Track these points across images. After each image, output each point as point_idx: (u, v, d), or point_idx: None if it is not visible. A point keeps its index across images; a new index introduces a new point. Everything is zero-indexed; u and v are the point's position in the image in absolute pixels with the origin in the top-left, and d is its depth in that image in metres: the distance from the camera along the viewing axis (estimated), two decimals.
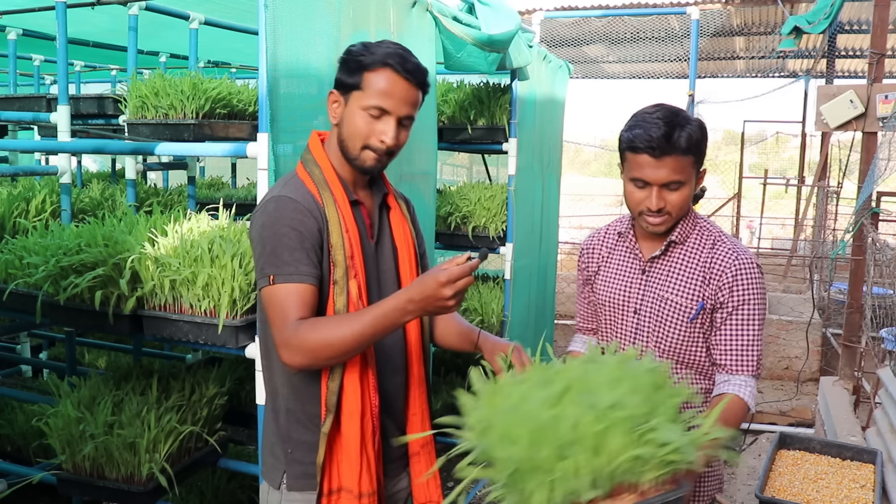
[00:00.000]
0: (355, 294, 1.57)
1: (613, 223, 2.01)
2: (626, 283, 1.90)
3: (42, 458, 2.75)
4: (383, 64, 1.54)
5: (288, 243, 1.51)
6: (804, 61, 10.28)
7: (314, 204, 1.56)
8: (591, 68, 11.12)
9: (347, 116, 1.58)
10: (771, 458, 2.88)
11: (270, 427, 1.68)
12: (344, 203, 1.60)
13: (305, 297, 1.51)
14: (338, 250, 1.56)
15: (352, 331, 1.46)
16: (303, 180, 1.61)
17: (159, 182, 6.01)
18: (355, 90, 1.56)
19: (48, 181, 3.08)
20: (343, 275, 1.56)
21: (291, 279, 1.50)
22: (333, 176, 1.62)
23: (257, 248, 1.54)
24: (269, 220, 1.53)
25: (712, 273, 1.79)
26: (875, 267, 4.50)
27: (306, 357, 1.47)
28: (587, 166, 35.77)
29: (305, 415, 1.61)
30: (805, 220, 9.78)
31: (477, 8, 3.27)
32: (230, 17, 4.00)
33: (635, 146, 1.69)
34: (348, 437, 1.56)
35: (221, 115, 2.62)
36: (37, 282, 2.23)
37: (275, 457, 1.65)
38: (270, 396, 1.68)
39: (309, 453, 1.60)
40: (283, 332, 1.48)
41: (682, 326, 1.81)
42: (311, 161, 1.64)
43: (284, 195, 1.56)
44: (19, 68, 4.63)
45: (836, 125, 4.59)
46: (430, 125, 3.10)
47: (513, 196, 3.79)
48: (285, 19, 2.00)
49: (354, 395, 1.56)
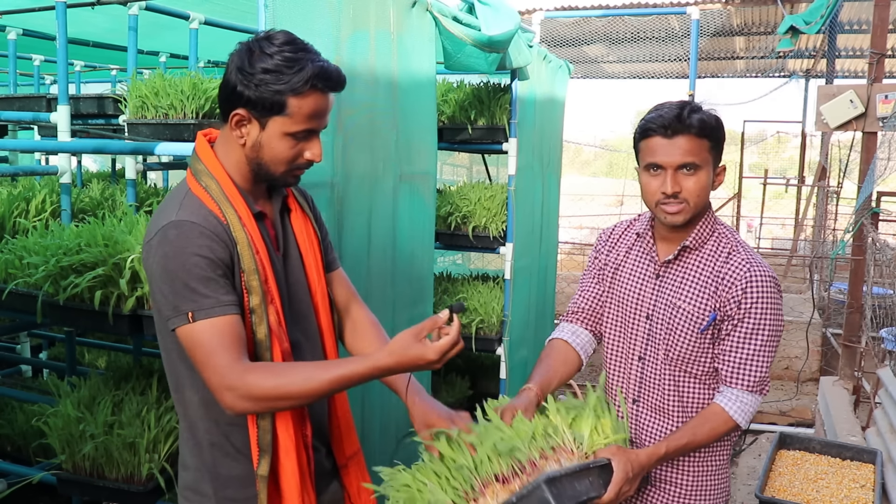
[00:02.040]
0: (275, 322, 1.45)
1: (634, 221, 1.95)
2: (640, 287, 1.85)
3: (42, 458, 2.75)
4: (311, 87, 1.38)
5: (199, 273, 1.35)
6: (804, 61, 10.28)
7: (219, 225, 1.40)
8: (591, 68, 11.12)
9: (266, 141, 1.42)
10: (771, 458, 2.89)
11: (192, 461, 1.52)
12: (248, 218, 1.44)
13: (235, 329, 1.36)
14: (251, 275, 1.40)
15: (314, 388, 1.35)
16: (199, 197, 1.42)
17: (159, 182, 6.00)
18: (277, 115, 1.39)
19: (48, 181, 3.08)
20: (260, 302, 1.41)
21: (213, 313, 1.34)
22: (233, 188, 1.45)
23: (163, 282, 1.36)
24: (173, 249, 1.35)
25: (724, 283, 1.73)
26: (875, 267, 4.50)
27: (255, 405, 1.35)
28: (587, 166, 35.76)
29: (233, 447, 1.48)
30: (805, 220, 9.79)
31: (477, 8, 3.27)
32: (230, 17, 4.00)
33: (647, 129, 1.68)
34: (288, 474, 1.45)
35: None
36: (37, 282, 2.23)
37: (201, 494, 1.50)
38: (188, 431, 1.51)
39: (242, 489, 1.48)
40: (221, 375, 1.33)
41: (692, 336, 1.75)
42: (205, 172, 1.45)
43: (185, 219, 1.38)
44: (19, 68, 4.63)
45: (836, 125, 4.59)
46: (430, 125, 3.10)
47: (513, 196, 3.79)
48: (285, 19, 2.00)
49: (288, 430, 1.45)
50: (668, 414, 1.82)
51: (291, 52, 1.38)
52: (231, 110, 1.42)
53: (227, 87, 1.41)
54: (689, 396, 1.80)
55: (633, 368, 1.86)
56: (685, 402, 1.80)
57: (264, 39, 1.40)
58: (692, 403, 1.80)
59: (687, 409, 1.80)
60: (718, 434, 1.73)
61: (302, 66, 1.38)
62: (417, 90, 2.87)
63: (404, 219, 2.86)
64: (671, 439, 1.69)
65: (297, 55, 1.39)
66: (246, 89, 1.38)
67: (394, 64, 2.63)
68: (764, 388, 1.75)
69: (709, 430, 1.71)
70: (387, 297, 2.74)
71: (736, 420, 1.71)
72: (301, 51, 1.40)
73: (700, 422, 1.72)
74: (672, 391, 1.80)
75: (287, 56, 1.38)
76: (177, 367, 1.47)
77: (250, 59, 1.38)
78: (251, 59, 1.38)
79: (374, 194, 2.59)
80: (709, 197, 1.77)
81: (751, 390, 1.73)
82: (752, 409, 1.74)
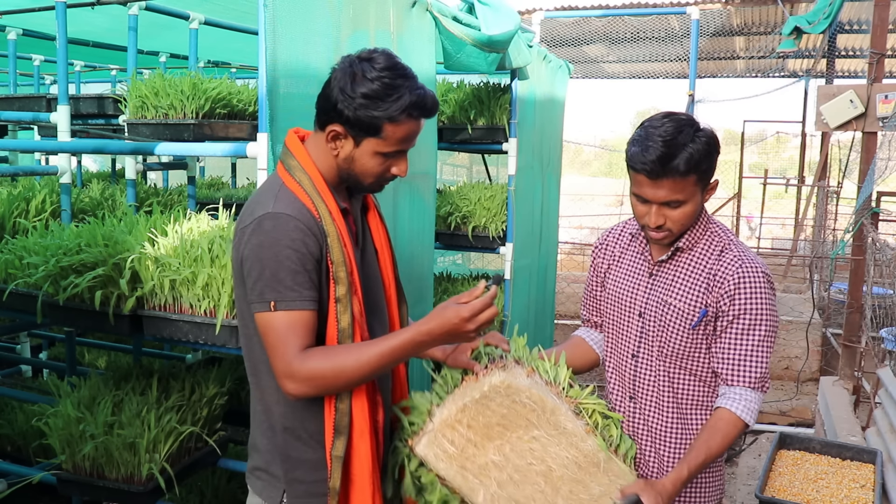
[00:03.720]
0: (358, 311, 1.53)
1: (628, 222, 2.00)
2: (633, 285, 1.89)
3: (42, 458, 2.75)
4: (408, 116, 1.47)
5: (290, 266, 1.43)
6: (804, 61, 10.27)
7: (312, 219, 1.48)
8: (591, 68, 11.11)
9: (359, 157, 1.52)
10: (771, 458, 2.89)
11: (264, 444, 1.59)
12: (337, 213, 1.53)
13: (309, 324, 1.45)
14: (340, 267, 1.49)
15: (367, 363, 1.43)
16: (293, 191, 1.51)
17: (159, 182, 6.01)
18: (372, 137, 1.49)
19: (48, 181, 3.08)
20: (346, 292, 1.49)
21: (294, 306, 1.43)
22: (323, 184, 1.54)
23: (254, 268, 1.45)
24: (268, 239, 1.44)
25: (716, 280, 1.75)
26: (875, 267, 4.50)
27: (314, 388, 1.44)
28: (587, 166, 35.75)
29: (307, 432, 1.54)
30: (805, 220, 9.78)
31: (477, 8, 3.27)
32: (230, 17, 4.00)
33: (632, 165, 1.69)
34: (361, 457, 1.52)
35: (221, 115, 2.62)
36: (37, 282, 2.23)
37: (271, 475, 1.58)
38: (263, 414, 1.59)
39: (311, 472, 1.54)
40: (287, 362, 1.42)
41: (684, 333, 1.78)
42: (298, 168, 1.54)
43: (282, 212, 1.46)
44: (19, 68, 4.62)
45: (836, 125, 4.59)
46: (430, 125, 3.10)
47: (513, 196, 3.79)
48: (285, 19, 2.00)
49: (363, 413, 1.52)
50: (664, 409, 1.85)
51: (390, 79, 1.46)
52: (328, 123, 1.51)
53: (328, 102, 1.49)
54: (683, 392, 1.83)
55: (628, 366, 1.90)
56: (679, 398, 1.83)
57: (366, 61, 1.47)
58: (687, 399, 1.83)
59: (682, 404, 1.83)
60: (732, 439, 1.72)
61: (400, 95, 1.46)
62: None
63: (404, 219, 2.86)
64: (689, 459, 1.68)
65: (396, 82, 1.46)
66: (346, 109, 1.46)
67: None
68: (765, 385, 1.76)
69: (721, 439, 1.71)
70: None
71: (744, 420, 1.72)
72: (400, 77, 1.47)
73: (711, 434, 1.71)
74: (666, 387, 1.83)
75: (386, 83, 1.45)
76: (255, 352, 1.54)
77: (353, 81, 1.46)
78: (353, 82, 1.46)
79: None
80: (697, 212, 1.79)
81: (752, 387, 1.73)
82: (757, 407, 1.74)
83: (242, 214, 1.53)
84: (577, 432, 1.59)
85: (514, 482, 1.55)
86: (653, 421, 1.86)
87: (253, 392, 1.60)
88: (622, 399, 1.91)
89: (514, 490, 1.55)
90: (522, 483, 1.56)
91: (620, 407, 1.92)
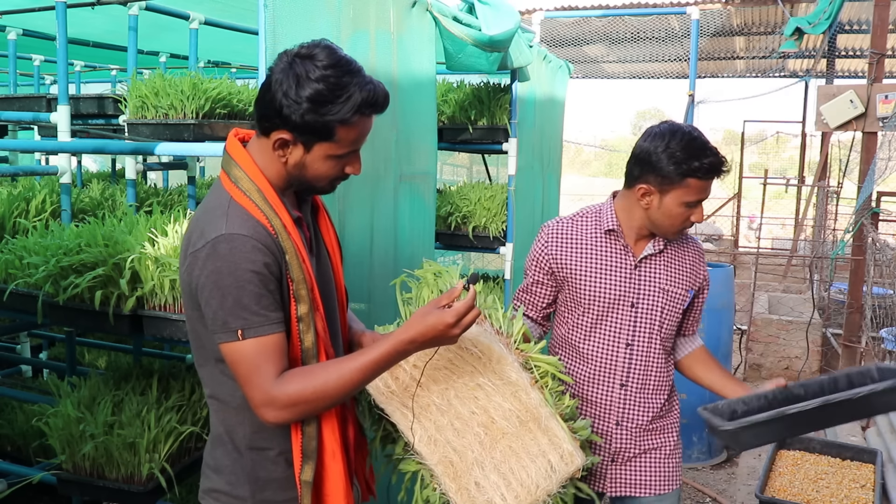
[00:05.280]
0: (322, 329, 1.45)
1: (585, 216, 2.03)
2: (618, 280, 1.98)
3: (42, 458, 2.75)
4: (360, 115, 1.37)
5: (252, 290, 1.33)
6: (804, 61, 10.28)
7: (268, 236, 1.37)
8: (591, 68, 11.12)
9: (311, 163, 1.41)
10: (771, 458, 2.89)
11: (227, 464, 1.49)
12: (291, 226, 1.42)
13: (280, 347, 1.37)
14: (301, 285, 1.40)
15: (349, 380, 1.35)
16: (244, 206, 1.39)
17: (159, 182, 6.00)
18: (324, 141, 1.38)
19: (48, 181, 3.07)
20: (308, 310, 1.41)
21: (263, 331, 1.34)
22: (274, 195, 1.42)
23: (213, 297, 1.34)
24: (226, 265, 1.33)
25: (695, 261, 2.06)
26: (875, 267, 4.51)
27: (296, 413, 1.36)
28: (587, 166, 35.76)
29: (274, 452, 1.47)
30: (805, 220, 9.79)
31: (477, 7, 3.27)
32: (230, 17, 3.99)
33: (712, 172, 1.83)
34: (334, 478, 1.46)
35: (221, 115, 2.62)
36: (37, 282, 2.23)
37: (235, 497, 1.48)
38: (227, 435, 1.49)
39: (281, 491, 1.48)
40: (264, 391, 1.33)
41: (677, 315, 2.02)
42: (245, 179, 1.41)
43: (236, 233, 1.34)
44: (19, 68, 4.62)
45: (836, 125, 4.59)
46: (430, 125, 3.10)
47: (513, 196, 3.79)
48: (285, 19, 2.00)
49: (334, 434, 1.46)
50: (651, 390, 2.03)
51: (336, 78, 1.34)
52: (272, 130, 1.38)
53: (271, 108, 1.36)
54: (664, 370, 2.05)
55: (621, 355, 2.00)
56: (661, 377, 2.04)
57: (308, 59, 1.35)
58: (664, 375, 2.06)
59: (661, 382, 2.05)
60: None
61: (350, 94, 1.34)
62: (418, 90, 2.88)
63: (404, 219, 2.86)
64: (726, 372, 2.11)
65: (343, 80, 1.34)
66: (292, 115, 1.34)
67: (394, 64, 2.63)
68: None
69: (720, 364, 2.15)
70: (388, 296, 2.74)
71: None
72: (347, 74, 1.35)
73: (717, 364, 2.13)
74: (655, 369, 2.02)
75: (332, 83, 1.33)
76: (214, 374, 1.46)
77: (297, 84, 1.33)
78: (297, 85, 1.33)
79: (374, 194, 2.60)
80: None
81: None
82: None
83: (191, 235, 1.40)
84: (521, 384, 1.56)
85: (455, 429, 1.56)
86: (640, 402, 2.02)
87: (213, 414, 1.52)
88: (611, 387, 2.01)
89: (453, 437, 1.55)
90: (463, 431, 1.56)
91: (608, 395, 2.01)
